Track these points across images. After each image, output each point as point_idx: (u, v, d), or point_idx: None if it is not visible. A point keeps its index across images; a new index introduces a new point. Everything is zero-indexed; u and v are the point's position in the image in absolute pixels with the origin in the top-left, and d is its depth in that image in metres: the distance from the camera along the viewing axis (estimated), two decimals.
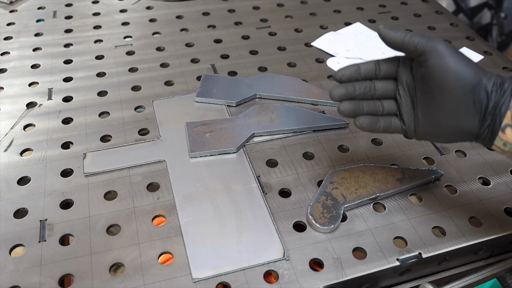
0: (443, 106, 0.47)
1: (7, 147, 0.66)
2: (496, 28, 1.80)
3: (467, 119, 0.47)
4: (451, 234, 0.56)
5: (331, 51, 0.87)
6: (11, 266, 0.52)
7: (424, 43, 0.47)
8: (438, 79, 0.47)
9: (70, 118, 0.71)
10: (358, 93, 0.53)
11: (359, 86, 0.53)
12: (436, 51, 0.46)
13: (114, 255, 0.53)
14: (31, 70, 0.82)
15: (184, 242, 0.54)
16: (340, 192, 0.59)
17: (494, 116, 0.45)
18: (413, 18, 0.98)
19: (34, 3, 1.00)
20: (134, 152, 0.65)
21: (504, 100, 0.45)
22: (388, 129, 0.53)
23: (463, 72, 0.46)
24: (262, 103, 0.75)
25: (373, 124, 0.53)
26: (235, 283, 0.51)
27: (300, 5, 1.02)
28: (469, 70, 0.46)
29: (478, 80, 0.46)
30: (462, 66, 0.46)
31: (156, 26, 0.94)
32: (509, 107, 0.45)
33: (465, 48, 0.89)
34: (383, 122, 0.53)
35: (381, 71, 0.53)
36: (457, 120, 0.47)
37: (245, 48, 0.88)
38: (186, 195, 0.60)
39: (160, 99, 0.75)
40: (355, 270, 0.52)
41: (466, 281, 0.56)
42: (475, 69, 0.46)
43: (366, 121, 0.52)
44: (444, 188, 0.62)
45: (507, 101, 0.45)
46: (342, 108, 0.53)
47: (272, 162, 0.65)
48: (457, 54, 0.47)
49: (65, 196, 0.59)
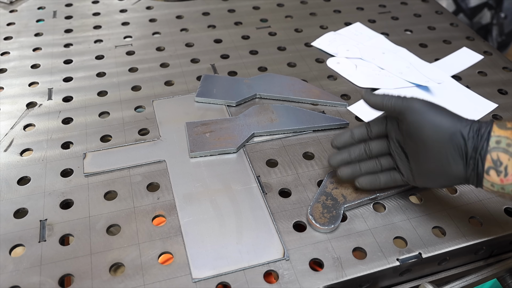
0: (428, 157, 0.51)
1: (7, 147, 0.66)
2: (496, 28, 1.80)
3: (452, 166, 0.49)
4: (451, 234, 0.56)
5: (331, 51, 0.87)
6: (11, 266, 0.52)
7: (399, 103, 0.52)
8: (417, 134, 0.51)
9: (70, 118, 0.71)
10: (353, 157, 0.58)
11: (353, 150, 0.58)
12: (411, 109, 0.51)
13: (114, 255, 0.53)
14: (31, 70, 0.82)
15: (184, 242, 0.54)
16: (340, 192, 0.59)
17: (476, 160, 0.48)
18: (413, 18, 0.98)
19: (34, 3, 1.00)
20: (134, 152, 0.65)
21: (482, 144, 0.47)
22: (389, 183, 0.57)
23: (438, 124, 0.49)
24: (262, 103, 0.75)
25: (373, 182, 0.57)
26: (235, 283, 0.51)
27: (300, 5, 1.02)
28: (444, 121, 0.49)
29: (454, 129, 0.49)
30: (437, 118, 0.49)
31: (156, 26, 0.94)
32: (487, 151, 0.47)
33: (465, 48, 0.89)
34: (383, 178, 0.57)
35: (372, 132, 0.57)
36: (444, 168, 0.50)
37: (245, 48, 0.88)
38: (186, 195, 0.60)
39: (160, 99, 0.75)
40: (355, 270, 0.52)
41: (466, 281, 0.56)
42: (450, 119, 0.49)
43: (365, 181, 0.57)
44: (444, 188, 0.62)
45: (485, 146, 0.47)
46: (340, 173, 0.58)
47: (272, 162, 0.65)
48: (431, 108, 0.50)
49: (65, 196, 0.59)
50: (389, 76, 0.81)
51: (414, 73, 0.81)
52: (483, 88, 0.79)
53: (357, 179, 0.58)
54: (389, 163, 0.57)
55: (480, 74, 0.83)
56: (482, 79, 0.82)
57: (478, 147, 0.47)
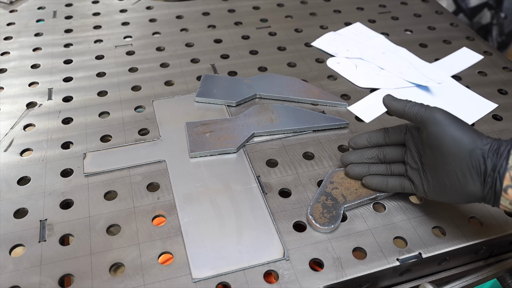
0: (446, 170, 0.50)
1: (7, 147, 0.66)
2: (496, 28, 1.80)
3: (469, 182, 0.49)
4: (451, 234, 0.56)
5: (331, 51, 0.87)
6: (11, 266, 0.52)
7: (422, 112, 0.51)
8: (437, 146, 0.50)
9: (70, 118, 0.71)
10: (364, 158, 0.59)
11: (366, 153, 0.59)
12: (434, 120, 0.50)
13: (114, 255, 0.53)
14: (31, 70, 0.82)
15: (184, 242, 0.54)
16: (340, 192, 0.59)
17: (494, 179, 0.47)
18: (413, 18, 0.98)
19: (34, 3, 1.00)
20: (134, 152, 0.65)
21: (501, 163, 0.47)
22: (396, 189, 0.57)
23: (459, 139, 0.49)
24: (262, 103, 0.75)
25: (380, 183, 0.57)
26: (235, 283, 0.51)
27: (300, 5, 1.02)
28: (465, 136, 0.49)
29: (474, 145, 0.48)
30: (458, 133, 0.49)
31: (156, 26, 0.94)
32: (507, 169, 0.46)
33: (465, 48, 0.89)
34: (391, 182, 0.57)
35: (390, 138, 0.58)
36: (460, 183, 0.50)
37: (245, 48, 0.88)
38: (186, 195, 0.60)
39: (160, 99, 0.75)
40: (355, 270, 0.52)
41: (466, 281, 0.56)
42: (471, 135, 0.49)
43: (373, 181, 0.58)
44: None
45: (504, 164, 0.47)
46: (348, 170, 0.59)
47: (272, 162, 0.65)
48: (454, 122, 0.50)
49: (65, 196, 0.59)
50: (389, 76, 0.81)
51: (414, 73, 0.81)
52: (483, 88, 0.79)
53: (364, 177, 0.58)
54: (400, 170, 0.57)
55: (480, 74, 0.83)
56: (482, 79, 0.82)
57: (497, 165, 0.47)
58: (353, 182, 0.60)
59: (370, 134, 0.59)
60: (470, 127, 0.50)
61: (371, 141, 0.59)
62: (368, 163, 0.59)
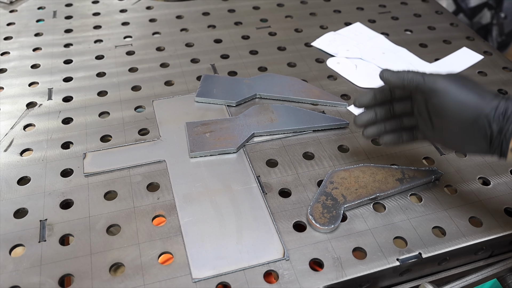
0: (452, 131, 0.52)
1: (7, 147, 0.66)
2: (496, 28, 1.80)
3: (476, 144, 0.50)
4: (451, 234, 0.56)
5: (331, 51, 0.87)
6: (11, 266, 0.52)
7: (422, 84, 0.51)
8: (441, 113, 0.51)
9: (70, 118, 0.71)
10: (379, 116, 0.58)
11: (379, 111, 0.58)
12: (435, 92, 0.50)
13: (114, 255, 0.53)
14: (31, 70, 0.82)
15: (184, 242, 0.54)
16: (340, 192, 0.59)
17: (500, 141, 0.48)
18: (413, 18, 0.98)
19: (34, 3, 1.00)
20: (134, 152, 0.65)
21: (508, 126, 0.47)
22: (410, 140, 0.59)
23: (463, 108, 0.49)
24: (262, 103, 0.75)
25: (396, 140, 0.59)
26: (235, 283, 0.51)
27: (300, 5, 1.02)
28: (468, 103, 0.49)
29: (478, 111, 0.48)
30: (462, 101, 0.49)
31: (156, 26, 0.94)
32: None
33: (465, 48, 0.89)
34: (405, 136, 0.58)
35: (396, 95, 0.58)
36: (467, 143, 0.52)
37: (245, 48, 0.88)
38: (186, 195, 0.60)
39: (160, 99, 0.75)
40: (355, 270, 0.52)
41: (466, 281, 0.56)
42: (474, 101, 0.49)
43: (389, 139, 0.59)
44: (444, 188, 0.62)
45: (511, 128, 0.47)
46: (366, 133, 0.59)
47: (272, 162, 0.65)
48: (455, 89, 0.50)
49: (65, 196, 0.59)
50: None
51: None
52: None
53: (381, 137, 0.59)
54: (412, 122, 0.58)
55: (480, 74, 0.83)
56: (482, 79, 0.82)
57: (503, 128, 0.47)
58: (353, 182, 0.60)
59: (376, 92, 0.58)
60: (474, 89, 0.50)
61: (377, 99, 0.58)
62: (383, 121, 0.59)
